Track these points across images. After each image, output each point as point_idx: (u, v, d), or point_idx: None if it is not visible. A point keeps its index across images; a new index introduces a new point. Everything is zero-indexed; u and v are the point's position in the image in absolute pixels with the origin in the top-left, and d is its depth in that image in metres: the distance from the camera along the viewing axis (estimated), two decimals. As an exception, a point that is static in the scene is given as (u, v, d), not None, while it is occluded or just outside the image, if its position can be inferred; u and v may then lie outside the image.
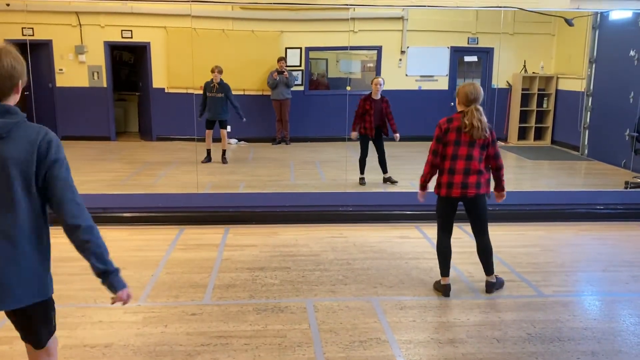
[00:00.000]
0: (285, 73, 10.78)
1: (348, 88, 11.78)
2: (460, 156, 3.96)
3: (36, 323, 2.32)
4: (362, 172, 7.66)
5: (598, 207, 6.38)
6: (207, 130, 9.01)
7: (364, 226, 5.91)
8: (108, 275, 2.27)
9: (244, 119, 9.04)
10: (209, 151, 9.06)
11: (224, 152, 9.14)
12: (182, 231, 5.65)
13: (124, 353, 3.30)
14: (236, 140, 11.26)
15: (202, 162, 8.83)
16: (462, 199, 4.04)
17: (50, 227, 2.33)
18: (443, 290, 4.16)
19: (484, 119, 3.95)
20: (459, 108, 4.05)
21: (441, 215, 4.19)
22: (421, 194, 4.29)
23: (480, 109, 3.94)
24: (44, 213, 2.22)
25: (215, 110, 8.87)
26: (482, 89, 4.05)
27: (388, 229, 5.84)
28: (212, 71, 8.82)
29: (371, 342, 3.46)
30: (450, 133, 3.96)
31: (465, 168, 3.97)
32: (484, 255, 4.20)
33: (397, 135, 7.49)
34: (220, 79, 8.84)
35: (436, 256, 4.26)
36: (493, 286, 4.22)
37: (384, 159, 7.60)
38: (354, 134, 7.49)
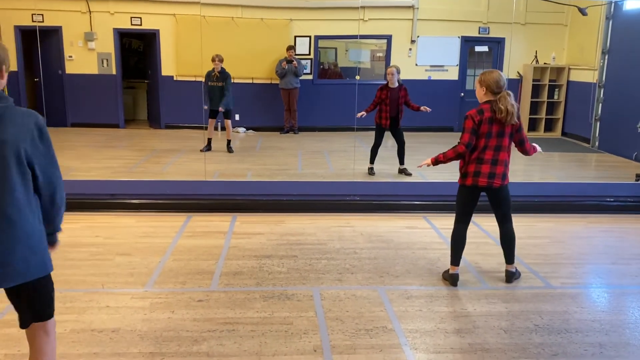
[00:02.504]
0: (295, 62, 10.73)
1: (357, 77, 11.74)
2: (489, 147, 3.90)
3: (38, 298, 2.41)
4: (371, 161, 7.62)
5: (608, 200, 6.32)
6: (210, 119, 8.94)
7: (371, 216, 5.89)
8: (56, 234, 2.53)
9: (222, 109, 8.79)
10: (209, 140, 8.99)
11: (229, 142, 9.08)
12: (189, 218, 5.66)
13: (131, 338, 3.32)
14: (244, 129, 11.26)
15: (201, 150, 8.80)
16: (487, 189, 3.99)
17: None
18: (451, 279, 4.15)
19: (516, 104, 3.89)
20: (485, 97, 3.92)
21: (463, 204, 4.11)
22: (428, 164, 4.11)
23: (511, 93, 3.87)
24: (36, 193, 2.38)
25: (216, 100, 8.76)
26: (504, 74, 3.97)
27: (396, 219, 5.82)
28: (213, 60, 8.71)
29: (377, 331, 3.46)
30: (482, 125, 3.87)
31: (493, 158, 3.92)
32: (508, 244, 4.17)
33: (425, 108, 7.35)
34: (222, 68, 8.75)
35: (444, 246, 4.24)
36: (513, 276, 4.21)
37: (403, 150, 7.55)
38: (361, 113, 7.40)
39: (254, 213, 5.87)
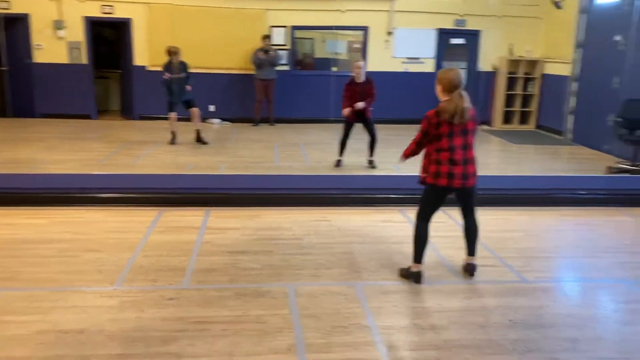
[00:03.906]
0: (272, 52, 10.58)
1: (334, 69, 11.67)
2: (456, 147, 3.88)
3: None
4: (340, 153, 7.56)
5: (581, 192, 6.38)
6: (171, 113, 8.63)
7: (348, 210, 5.84)
8: None
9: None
10: (174, 133, 8.74)
11: (198, 132, 8.82)
12: (161, 213, 5.53)
13: (98, 339, 3.21)
14: (219, 120, 11.10)
15: (170, 143, 8.62)
16: (459, 189, 3.97)
17: (23, 209, 2.30)
18: (416, 277, 4.09)
19: (468, 104, 3.87)
20: (443, 96, 3.93)
21: (431, 204, 4.08)
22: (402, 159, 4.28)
23: (464, 93, 3.86)
24: None
25: (180, 92, 8.52)
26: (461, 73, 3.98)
27: (372, 212, 5.79)
28: (171, 53, 8.43)
29: (352, 328, 3.41)
30: (442, 126, 3.86)
31: (464, 158, 3.90)
32: (473, 235, 4.16)
33: (360, 104, 7.17)
34: (179, 59, 8.49)
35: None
36: (475, 269, 4.20)
37: (374, 143, 7.49)
38: (346, 110, 7.30)
39: (228, 207, 5.77)
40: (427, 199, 4.11)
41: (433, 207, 4.09)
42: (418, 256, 4.12)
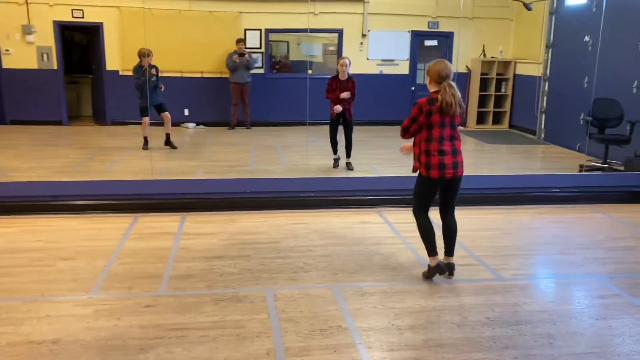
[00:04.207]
0: (247, 55, 10.54)
1: (309, 72, 11.67)
2: (446, 137, 3.94)
3: None
4: (334, 151, 7.59)
5: (554, 191, 6.49)
6: (144, 118, 8.45)
7: (325, 212, 5.84)
8: None
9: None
10: (146, 138, 8.60)
11: (168, 136, 8.70)
12: (136, 219, 5.45)
13: (73, 349, 3.14)
14: (194, 124, 11.01)
15: (143, 148, 8.51)
16: (450, 179, 4.00)
17: None
18: (438, 269, 4.10)
19: (458, 94, 3.93)
20: (432, 87, 3.99)
21: (427, 196, 4.10)
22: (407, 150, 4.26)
23: (453, 84, 3.92)
24: None
25: (152, 95, 8.31)
26: (452, 65, 4.01)
27: (349, 214, 5.80)
28: (142, 55, 8.24)
29: (331, 331, 3.41)
30: (433, 115, 3.90)
31: (452, 149, 3.97)
32: (453, 235, 4.20)
33: (345, 94, 7.18)
34: (150, 62, 8.33)
35: (397, 241, 4.23)
36: (454, 268, 4.23)
37: (350, 145, 7.52)
38: (337, 107, 7.28)
39: (205, 212, 5.72)
40: (420, 191, 4.11)
41: (429, 199, 4.11)
42: (431, 248, 4.13)
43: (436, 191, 4.10)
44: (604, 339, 3.38)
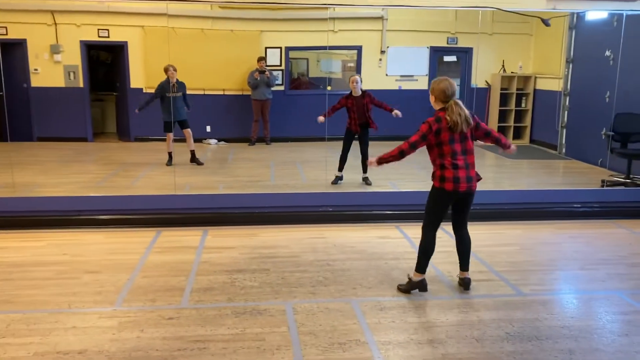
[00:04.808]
0: (267, 73, 10.72)
1: (328, 88, 11.78)
2: (458, 152, 3.96)
3: None
4: (340, 168, 7.64)
5: (575, 206, 6.44)
6: (168, 134, 8.59)
7: (344, 226, 5.88)
8: None
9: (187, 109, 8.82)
10: (170, 154, 8.73)
11: (193, 153, 8.83)
12: (159, 233, 5.56)
13: (98, 359, 3.22)
14: (216, 141, 11.17)
15: (167, 164, 8.66)
16: (464, 194, 4.02)
17: (21, 232, 2.30)
18: (421, 286, 4.15)
19: (465, 111, 3.95)
20: (437, 105, 4.04)
21: (439, 210, 4.09)
22: (371, 162, 4.17)
23: (459, 102, 3.95)
24: None
25: (176, 111, 8.45)
26: (455, 82, 4.06)
27: (368, 229, 5.83)
28: (167, 70, 8.39)
29: (350, 344, 3.43)
30: (443, 133, 3.94)
31: (466, 163, 3.99)
32: (467, 249, 4.21)
33: (396, 113, 7.44)
34: (176, 78, 8.49)
35: (416, 256, 4.23)
36: (470, 282, 4.23)
37: (367, 158, 7.57)
38: (320, 118, 7.44)
39: (226, 226, 5.81)
40: (434, 204, 4.10)
41: (441, 213, 4.11)
42: (423, 267, 4.15)
43: (448, 205, 4.10)
44: (626, 356, 3.35)
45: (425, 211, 4.19)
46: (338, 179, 7.64)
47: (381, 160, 4.11)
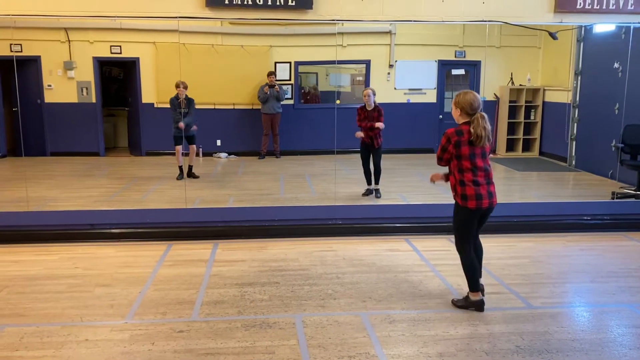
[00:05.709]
0: (277, 87, 10.83)
1: (337, 102, 11.87)
2: (479, 168, 3.95)
3: None
4: (368, 182, 7.69)
5: (586, 218, 6.42)
6: (176, 147, 8.73)
7: (353, 239, 5.90)
8: None
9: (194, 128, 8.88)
10: (181, 168, 8.84)
11: (190, 167, 8.97)
12: (170, 247, 5.61)
13: (110, 372, 3.26)
14: (226, 154, 11.26)
15: (177, 179, 8.75)
16: (487, 209, 4.02)
17: (33, 246, 2.35)
18: (478, 305, 4.11)
19: (489, 126, 3.93)
20: (461, 119, 3.97)
21: (467, 228, 4.07)
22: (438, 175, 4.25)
23: (485, 116, 3.92)
24: None
25: (185, 126, 8.52)
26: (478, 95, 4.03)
27: (378, 241, 5.84)
28: (178, 86, 8.54)
29: (360, 357, 3.44)
30: (463, 147, 3.91)
31: (486, 179, 3.99)
32: (479, 257, 4.22)
33: (380, 124, 7.33)
34: (185, 94, 8.62)
35: (426, 269, 4.25)
36: (483, 290, 4.23)
37: (378, 172, 7.63)
38: (358, 134, 7.48)
39: (236, 240, 5.85)
40: (462, 222, 4.09)
41: (468, 230, 4.09)
42: (475, 284, 4.12)
43: (475, 221, 4.07)
44: (637, 369, 3.33)
45: (454, 231, 4.18)
46: (369, 191, 7.69)
47: (433, 179, 4.27)
